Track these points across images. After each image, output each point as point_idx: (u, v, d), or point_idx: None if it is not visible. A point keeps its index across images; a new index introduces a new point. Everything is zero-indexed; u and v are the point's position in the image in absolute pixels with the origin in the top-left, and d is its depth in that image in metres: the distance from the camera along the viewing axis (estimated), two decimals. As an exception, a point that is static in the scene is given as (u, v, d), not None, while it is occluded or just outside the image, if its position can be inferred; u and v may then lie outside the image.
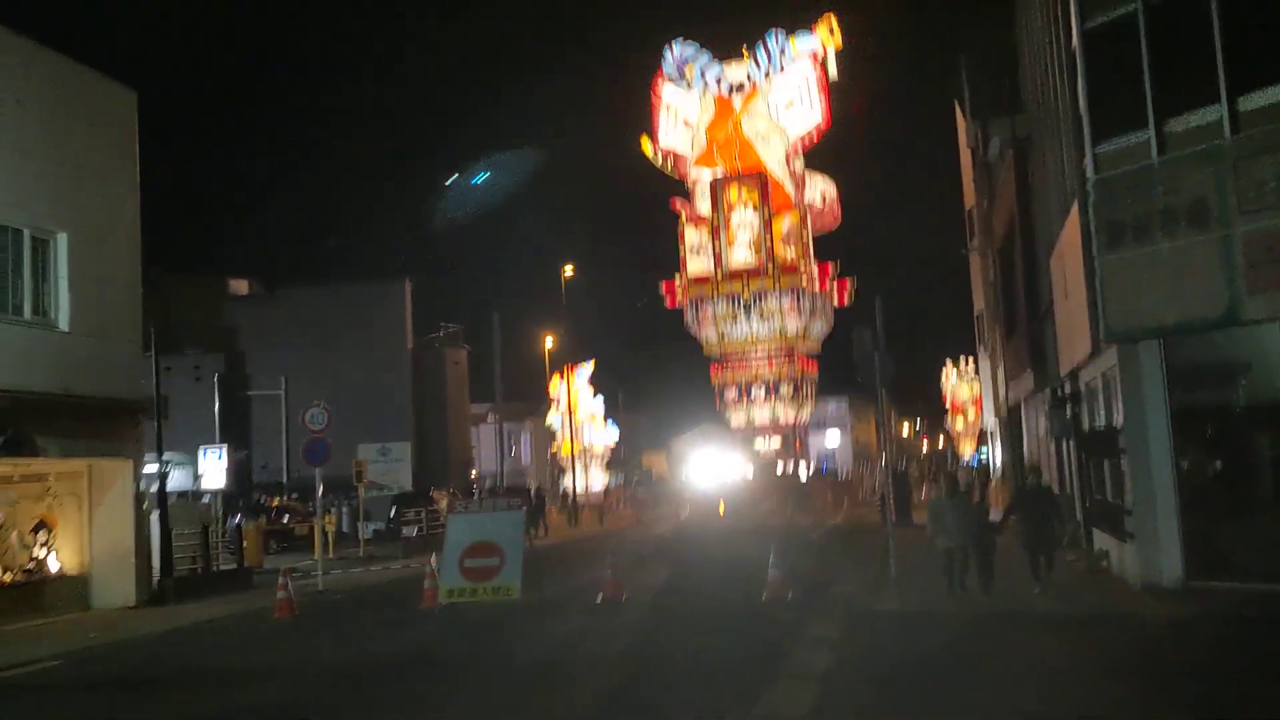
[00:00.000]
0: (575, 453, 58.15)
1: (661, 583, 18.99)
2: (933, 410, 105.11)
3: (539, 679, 10.79)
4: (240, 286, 61.54)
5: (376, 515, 43.38)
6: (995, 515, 31.02)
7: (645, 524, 41.35)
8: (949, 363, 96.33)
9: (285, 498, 42.35)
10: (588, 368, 64.44)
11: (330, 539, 34.00)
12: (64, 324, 19.73)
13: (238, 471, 43.03)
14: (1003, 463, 34.55)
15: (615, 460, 72.09)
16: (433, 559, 16.71)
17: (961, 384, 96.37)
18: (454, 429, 56.83)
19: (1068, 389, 20.66)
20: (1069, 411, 21.01)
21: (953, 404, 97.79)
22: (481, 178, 55.56)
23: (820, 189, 53.09)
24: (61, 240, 19.80)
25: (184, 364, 50.39)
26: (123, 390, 20.91)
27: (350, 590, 21.41)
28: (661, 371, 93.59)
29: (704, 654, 11.61)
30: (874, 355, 18.06)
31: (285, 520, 38.27)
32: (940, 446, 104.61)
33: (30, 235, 19.31)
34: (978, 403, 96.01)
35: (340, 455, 38.73)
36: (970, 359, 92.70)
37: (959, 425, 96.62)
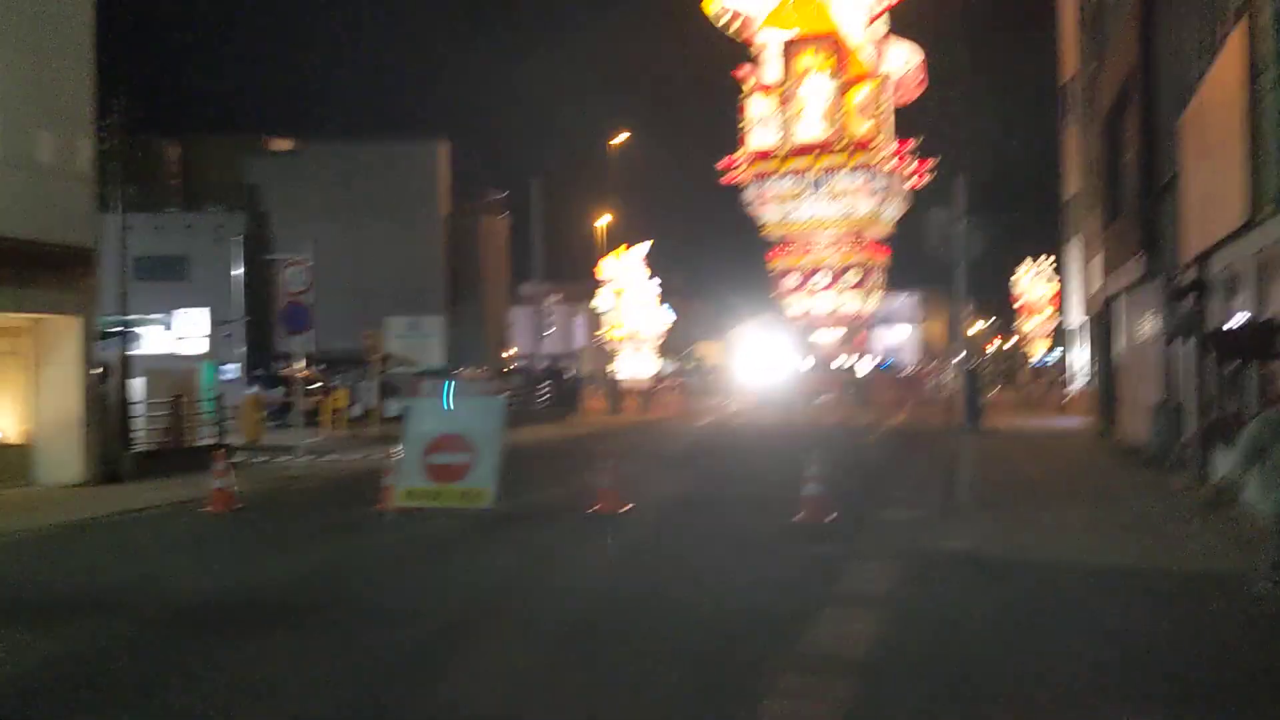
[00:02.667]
0: (624, 337, 55.07)
1: (679, 491, 15.80)
2: (1003, 308, 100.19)
3: (452, 638, 7.68)
4: (283, 146, 58.42)
5: (406, 393, 40.83)
6: (1073, 422, 27.41)
7: (688, 415, 38.27)
8: (1028, 259, 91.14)
9: (310, 368, 39.85)
10: (643, 248, 60.84)
11: (343, 416, 31.49)
12: (-11, 153, 16.71)
13: (255, 339, 40.68)
14: (1093, 366, 30.66)
15: (668, 347, 68.96)
16: (398, 450, 13.67)
17: (1037, 281, 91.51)
18: (490, 305, 53.67)
19: (1192, 277, 16.81)
20: (1190, 304, 17.20)
21: (1026, 302, 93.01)
22: None
23: (903, 56, 48.32)
24: (-13, 53, 16.68)
25: (205, 222, 47.60)
26: (68, 235, 17.95)
27: (325, 479, 18.59)
28: (722, 257, 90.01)
29: (697, 610, 8.39)
30: (959, 226, 14.46)
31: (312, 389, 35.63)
32: (1010, 346, 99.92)
33: (-55, 43, 16.21)
34: (1054, 301, 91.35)
35: (367, 327, 36.13)
36: (1049, 255, 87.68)
37: (1030, 325, 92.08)
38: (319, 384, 36.15)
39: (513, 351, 62.73)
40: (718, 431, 30.30)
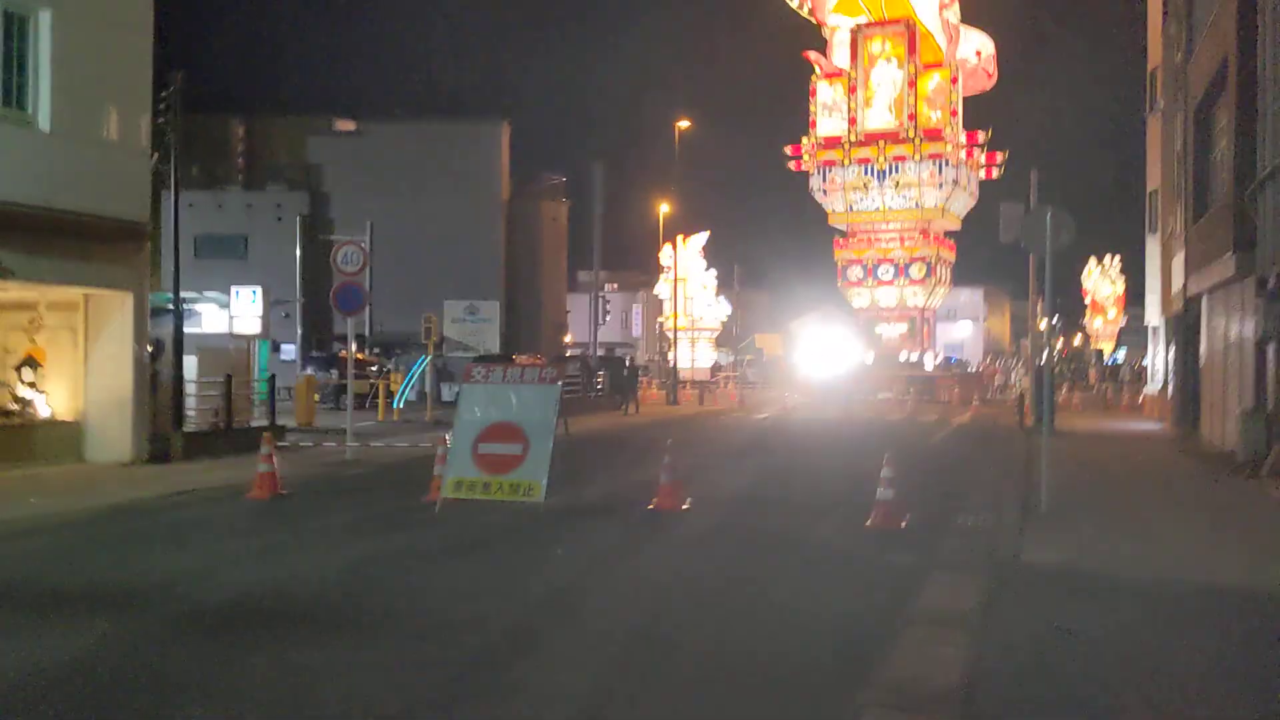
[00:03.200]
0: (683, 327, 54.29)
1: (740, 489, 15.06)
2: (1068, 307, 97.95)
3: (500, 653, 7.02)
4: (347, 126, 58.27)
5: (460, 378, 40.48)
6: (1149, 426, 26.03)
7: (747, 408, 37.47)
8: (1093, 259, 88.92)
9: (367, 351, 39.69)
10: (701, 237, 60.08)
11: (396, 400, 31.15)
12: (45, 123, 16.36)
13: (313, 320, 40.55)
14: (1174, 367, 29.36)
15: (726, 338, 68.17)
16: (446, 438, 13.07)
17: (1104, 280, 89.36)
18: (548, 290, 53.01)
19: (1295, 277, 15.74)
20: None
21: (1093, 301, 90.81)
22: None
23: (975, 45, 46.94)
24: (45, 19, 16.32)
25: (266, 201, 47.48)
26: (122, 209, 17.58)
27: (378, 465, 18.10)
28: (783, 249, 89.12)
29: (768, 627, 7.67)
30: (1044, 215, 13.59)
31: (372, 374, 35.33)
32: (1077, 345, 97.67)
33: (4, 9, 15.86)
34: (1120, 301, 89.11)
35: (424, 310, 35.79)
36: (1114, 255, 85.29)
37: (1097, 324, 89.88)
38: (375, 367, 35.94)
39: (569, 339, 62.22)
40: (778, 426, 29.49)
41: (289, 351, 40.12)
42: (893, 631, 7.25)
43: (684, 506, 12.37)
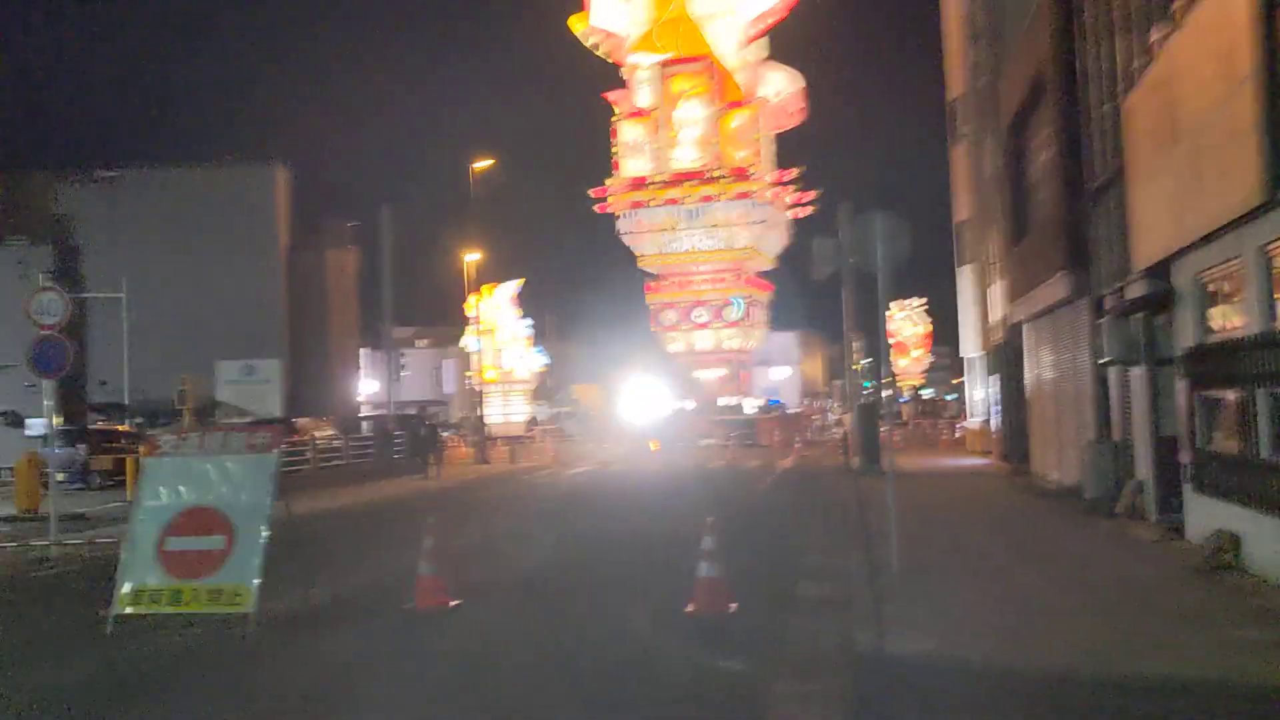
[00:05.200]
0: (494, 380, 51.34)
1: (533, 569, 12.26)
2: (875, 347, 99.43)
3: None
4: (105, 175, 53.08)
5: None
6: (975, 461, 24.64)
7: (562, 463, 34.78)
8: (895, 302, 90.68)
9: (128, 422, 35.15)
10: (511, 285, 57.32)
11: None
12: None
13: (61, 388, 35.78)
14: (998, 400, 28.22)
15: (543, 390, 65.42)
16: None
17: (907, 322, 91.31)
18: (337, 346, 48.99)
19: (1143, 290, 14.14)
20: (1138, 322, 14.55)
21: (898, 342, 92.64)
22: None
23: (781, 82, 46.14)
24: None
25: (5, 257, 42.18)
26: None
27: (82, 563, 14.50)
28: (597, 296, 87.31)
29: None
30: (877, 218, 11.58)
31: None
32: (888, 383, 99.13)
33: None
34: (926, 341, 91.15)
35: (195, 371, 31.79)
36: (922, 298, 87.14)
37: (903, 364, 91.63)
38: (136, 437, 31.61)
39: (362, 399, 58.10)
40: (592, 482, 26.89)
41: (37, 426, 35.23)
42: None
43: (452, 604, 9.52)
